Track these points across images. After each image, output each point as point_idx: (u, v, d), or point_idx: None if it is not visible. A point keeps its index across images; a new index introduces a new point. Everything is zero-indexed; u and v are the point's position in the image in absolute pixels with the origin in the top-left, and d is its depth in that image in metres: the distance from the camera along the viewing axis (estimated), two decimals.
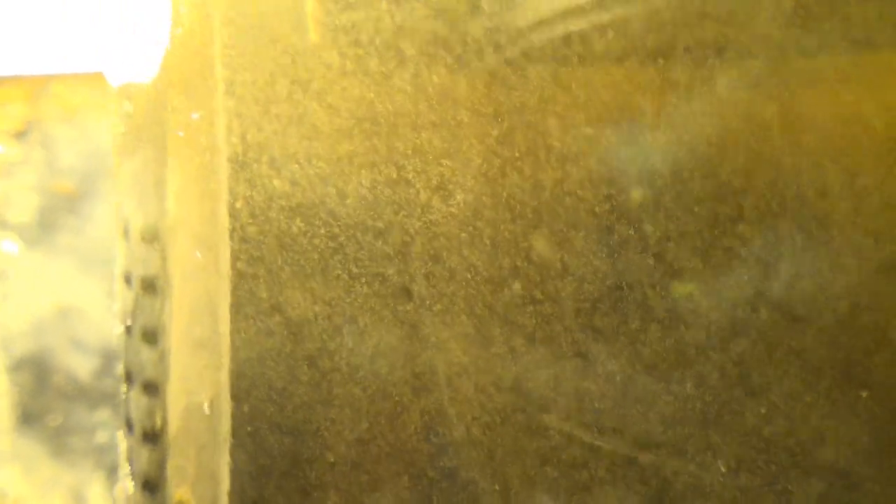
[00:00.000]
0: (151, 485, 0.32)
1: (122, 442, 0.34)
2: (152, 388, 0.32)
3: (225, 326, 0.29)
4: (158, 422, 0.32)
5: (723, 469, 0.26)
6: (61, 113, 0.52)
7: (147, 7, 0.31)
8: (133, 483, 0.33)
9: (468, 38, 0.26)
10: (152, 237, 0.32)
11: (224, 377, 0.29)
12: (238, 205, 0.28)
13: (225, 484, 0.30)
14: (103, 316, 0.53)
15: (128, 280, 0.33)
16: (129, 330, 0.33)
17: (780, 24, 0.25)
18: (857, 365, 0.26)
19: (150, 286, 0.32)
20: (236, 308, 0.29)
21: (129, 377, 0.33)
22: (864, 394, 0.26)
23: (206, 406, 0.30)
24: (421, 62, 0.26)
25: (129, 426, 0.33)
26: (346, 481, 0.29)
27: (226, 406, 0.29)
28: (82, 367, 0.53)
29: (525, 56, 0.26)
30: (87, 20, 0.50)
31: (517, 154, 0.26)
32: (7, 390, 0.53)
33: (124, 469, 0.33)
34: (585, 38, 0.25)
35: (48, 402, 0.53)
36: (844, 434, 0.26)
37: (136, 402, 0.33)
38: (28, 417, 0.53)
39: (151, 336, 0.32)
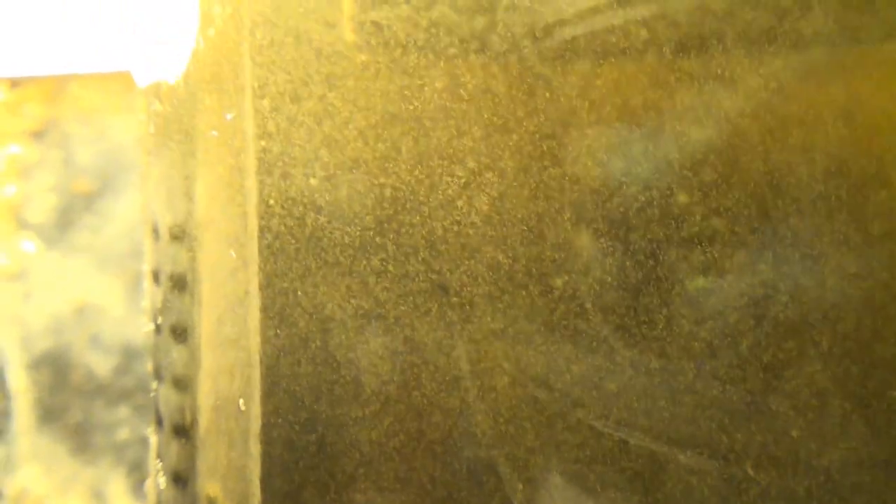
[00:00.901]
0: (182, 480, 0.33)
1: (153, 438, 0.34)
2: (182, 385, 0.32)
3: (255, 324, 0.29)
4: (188, 418, 0.32)
5: (750, 470, 0.27)
6: (79, 113, 0.53)
7: (176, 6, 0.31)
8: (163, 478, 0.33)
9: (504, 33, 0.26)
10: (181, 235, 0.32)
11: (254, 374, 0.30)
12: (268, 203, 0.29)
13: (255, 479, 0.30)
14: (122, 313, 0.53)
15: (156, 278, 0.33)
16: (158, 327, 0.33)
17: (834, 12, 0.25)
18: (884, 364, 0.26)
19: (180, 284, 0.32)
20: (266, 306, 0.29)
21: (158, 374, 0.33)
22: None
23: (236, 403, 0.30)
24: (456, 60, 0.26)
25: (160, 422, 0.33)
26: (374, 475, 0.29)
27: (256, 402, 0.30)
28: (101, 364, 0.53)
29: (563, 51, 0.26)
30: (112, 20, 0.50)
31: (549, 150, 0.27)
32: (27, 388, 0.53)
33: (154, 465, 0.34)
34: (625, 32, 0.26)
35: (68, 400, 0.54)
36: (872, 435, 0.26)
37: (166, 398, 0.33)
38: (48, 415, 0.54)
39: (181, 333, 0.32)
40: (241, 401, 0.31)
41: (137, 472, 0.54)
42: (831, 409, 0.26)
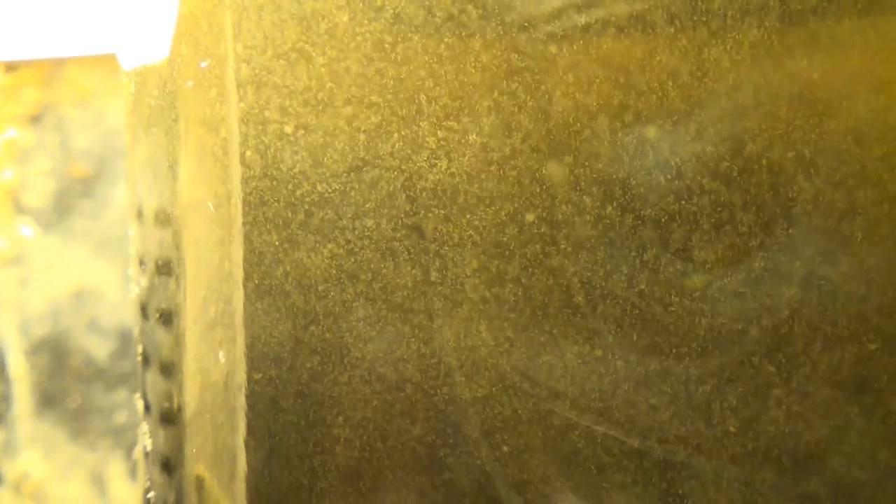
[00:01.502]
0: (170, 464, 0.33)
1: (141, 423, 0.34)
2: (168, 370, 0.32)
3: (239, 301, 0.29)
4: (175, 402, 0.32)
5: (744, 465, 0.26)
6: (75, 96, 0.52)
7: None
8: (152, 463, 0.33)
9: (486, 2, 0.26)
10: (166, 220, 0.32)
11: (239, 353, 0.29)
12: (248, 156, 0.28)
13: (242, 461, 0.30)
14: (120, 298, 0.53)
15: (142, 263, 0.33)
16: (144, 312, 0.33)
17: None
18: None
19: (165, 268, 0.32)
20: (249, 277, 0.29)
21: (145, 359, 0.33)
22: None
23: (222, 384, 0.30)
24: (433, 24, 0.26)
25: (147, 407, 0.33)
26: (361, 448, 0.29)
27: (241, 382, 0.30)
28: (99, 349, 0.54)
29: (552, 26, 0.26)
30: (101, 3, 0.50)
31: (526, 118, 0.26)
32: (26, 373, 0.54)
33: (142, 450, 0.34)
34: (613, 5, 0.25)
35: (66, 385, 0.54)
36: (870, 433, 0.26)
37: (153, 383, 0.33)
38: (47, 400, 0.54)
39: (167, 318, 0.32)
40: (226, 382, 0.30)
41: (135, 456, 0.54)
42: (825, 405, 0.26)
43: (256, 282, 0.29)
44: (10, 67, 0.52)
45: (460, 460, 0.28)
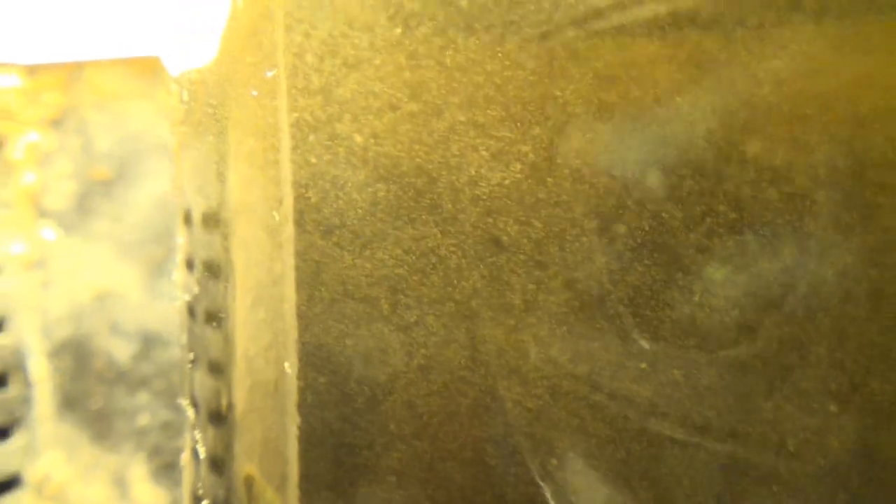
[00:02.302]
0: (219, 463, 0.33)
1: (189, 422, 0.34)
2: (217, 369, 0.33)
3: (290, 306, 0.30)
4: (224, 402, 0.32)
5: (790, 448, 0.27)
6: (97, 100, 0.53)
7: None
8: (201, 462, 0.34)
9: (532, 15, 0.26)
10: (214, 223, 0.32)
11: (290, 356, 0.30)
12: (302, 178, 0.29)
13: (293, 460, 0.30)
14: (141, 300, 0.54)
15: (190, 264, 0.33)
16: (192, 313, 0.33)
17: None
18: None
19: (214, 270, 0.32)
20: (301, 285, 0.29)
21: (193, 359, 0.34)
22: None
23: (272, 384, 0.31)
24: (492, 38, 0.27)
25: (195, 406, 0.34)
26: (410, 452, 0.29)
27: (291, 385, 0.30)
28: (122, 351, 0.54)
29: (594, 29, 0.26)
30: (132, 6, 0.50)
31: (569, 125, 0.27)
32: (48, 376, 0.54)
33: (190, 448, 0.34)
34: (650, 12, 0.26)
35: (88, 387, 0.54)
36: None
37: (202, 382, 0.33)
38: (69, 402, 0.54)
39: (215, 318, 0.32)
40: (276, 383, 0.31)
41: (157, 458, 0.54)
42: (846, 399, 0.26)
43: (307, 286, 0.29)
44: (32, 71, 0.52)
45: (510, 464, 0.29)
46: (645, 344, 0.27)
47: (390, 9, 0.27)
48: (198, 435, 0.33)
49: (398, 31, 0.27)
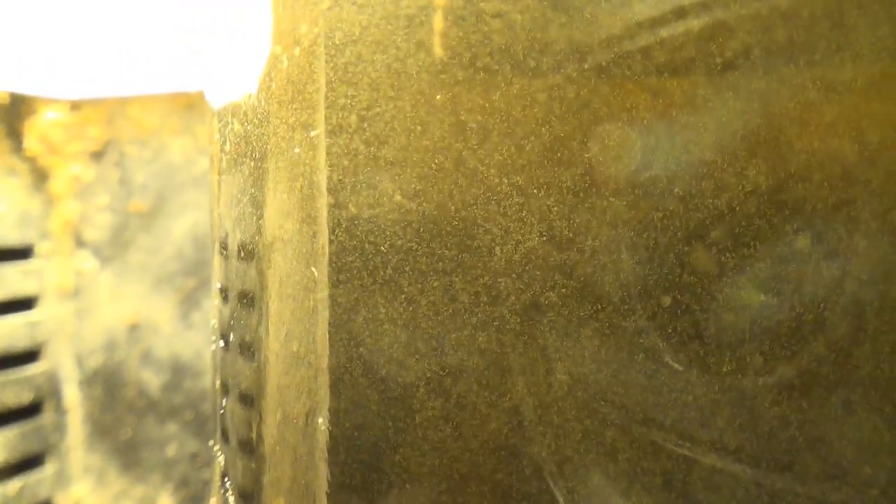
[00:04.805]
0: (247, 495, 0.33)
1: (218, 453, 0.34)
2: (248, 400, 0.33)
3: (323, 341, 0.30)
4: (254, 433, 0.33)
5: (791, 480, 0.26)
6: (136, 133, 0.54)
7: (249, 27, 0.32)
8: (230, 494, 0.34)
9: (605, 52, 0.27)
10: (249, 254, 0.33)
11: (322, 390, 0.30)
12: (338, 221, 0.29)
13: (322, 497, 0.30)
14: (173, 331, 0.54)
15: (224, 295, 0.34)
16: (225, 343, 0.34)
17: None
18: None
19: (248, 301, 0.33)
20: (334, 323, 0.29)
21: (224, 388, 0.34)
22: None
23: (303, 419, 0.31)
24: (547, 78, 0.27)
25: (225, 437, 0.34)
26: (441, 493, 0.29)
27: (323, 420, 0.30)
28: (153, 381, 0.54)
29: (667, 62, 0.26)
30: (173, 42, 0.52)
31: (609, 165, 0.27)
32: (79, 404, 0.54)
33: (219, 480, 0.34)
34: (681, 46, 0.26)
35: (119, 416, 0.54)
36: None
37: (232, 412, 0.33)
38: (99, 431, 0.54)
39: (248, 349, 0.33)
40: (307, 418, 0.31)
41: (184, 489, 0.55)
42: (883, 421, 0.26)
43: (342, 324, 0.29)
44: (75, 106, 0.54)
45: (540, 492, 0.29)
46: (678, 366, 0.27)
47: (434, 78, 0.28)
48: (228, 466, 0.34)
49: (439, 97, 0.28)
